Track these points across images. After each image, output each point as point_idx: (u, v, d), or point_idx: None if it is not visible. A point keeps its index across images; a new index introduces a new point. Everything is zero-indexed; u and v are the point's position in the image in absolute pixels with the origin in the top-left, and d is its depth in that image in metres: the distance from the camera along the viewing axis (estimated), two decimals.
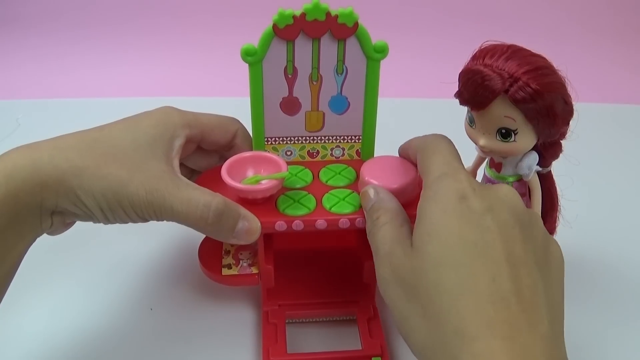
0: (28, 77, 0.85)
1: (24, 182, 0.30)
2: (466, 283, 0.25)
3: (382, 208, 0.32)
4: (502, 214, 0.27)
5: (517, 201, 0.29)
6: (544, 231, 0.29)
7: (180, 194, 0.32)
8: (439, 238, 0.27)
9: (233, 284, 0.39)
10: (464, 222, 0.27)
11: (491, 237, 0.26)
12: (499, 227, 0.27)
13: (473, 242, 0.26)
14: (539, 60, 0.33)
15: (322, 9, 0.35)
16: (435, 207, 0.28)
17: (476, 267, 0.26)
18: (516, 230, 0.27)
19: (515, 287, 0.25)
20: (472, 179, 0.29)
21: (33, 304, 0.42)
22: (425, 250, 0.27)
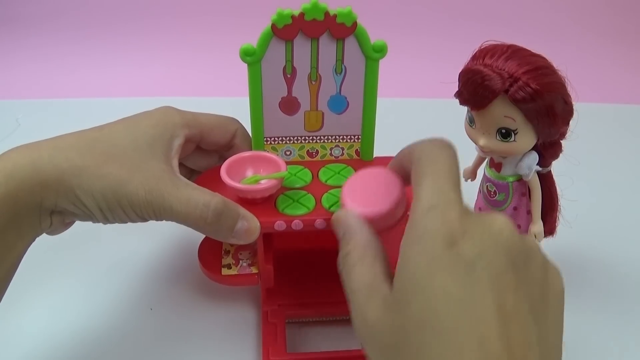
0: (28, 77, 0.85)
1: (24, 182, 0.30)
2: (451, 349, 0.23)
3: (351, 241, 0.29)
4: (495, 259, 0.25)
5: (512, 237, 0.25)
6: (542, 263, 0.27)
7: (179, 193, 0.32)
8: (423, 294, 0.24)
9: (233, 283, 0.39)
10: (450, 275, 0.24)
11: (480, 291, 0.24)
12: (490, 276, 0.24)
13: (459, 299, 0.24)
14: (539, 60, 0.33)
15: (321, 9, 0.35)
16: (420, 255, 0.25)
17: (462, 329, 0.23)
18: (509, 275, 0.25)
19: (506, 347, 0.23)
20: (463, 213, 0.26)
21: (33, 303, 0.42)
22: (407, 307, 0.24)
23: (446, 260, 0.24)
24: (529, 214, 0.39)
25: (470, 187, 0.43)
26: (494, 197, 0.39)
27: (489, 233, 0.25)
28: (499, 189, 0.38)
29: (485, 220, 0.26)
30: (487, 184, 0.39)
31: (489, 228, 0.25)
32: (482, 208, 0.41)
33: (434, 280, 0.24)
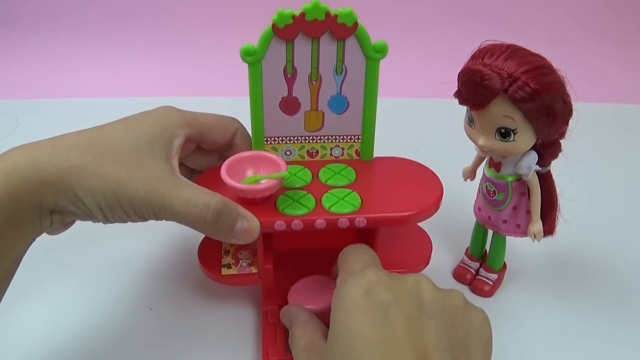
0: (28, 77, 0.85)
1: (24, 181, 0.30)
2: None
3: (294, 323, 0.34)
4: (407, 305, 0.27)
5: (426, 289, 0.29)
6: (463, 309, 0.29)
7: (179, 193, 0.32)
8: (343, 339, 0.27)
9: (232, 283, 0.39)
10: (366, 319, 0.27)
11: (395, 332, 0.26)
12: (404, 320, 0.27)
13: (375, 340, 0.26)
14: (538, 59, 0.33)
15: (322, 9, 0.35)
16: (341, 306, 0.28)
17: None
18: (424, 319, 0.27)
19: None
20: (382, 274, 0.29)
21: (33, 303, 0.42)
22: (333, 351, 0.27)
23: (362, 307, 0.27)
24: (528, 213, 0.39)
25: (470, 187, 0.43)
26: (493, 197, 0.39)
27: (402, 286, 0.29)
28: (499, 188, 0.38)
29: (400, 277, 0.30)
30: (486, 183, 0.39)
31: (403, 282, 0.29)
32: (482, 208, 0.41)
33: (352, 326, 0.27)
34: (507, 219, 0.39)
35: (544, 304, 0.43)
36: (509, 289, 0.44)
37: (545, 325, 0.41)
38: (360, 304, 0.27)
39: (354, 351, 0.26)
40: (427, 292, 0.28)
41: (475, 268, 0.45)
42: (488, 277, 0.43)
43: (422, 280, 0.29)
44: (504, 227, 0.40)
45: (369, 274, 0.29)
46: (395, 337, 0.26)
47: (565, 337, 0.40)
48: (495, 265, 0.43)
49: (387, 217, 0.35)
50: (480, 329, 0.29)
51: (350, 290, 0.28)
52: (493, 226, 0.41)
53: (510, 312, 0.42)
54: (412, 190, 0.37)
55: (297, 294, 0.38)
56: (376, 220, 0.35)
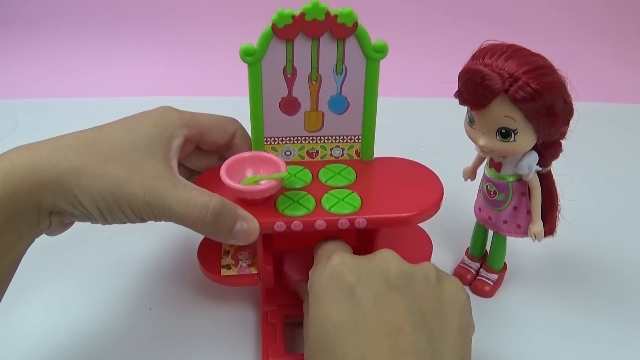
0: (27, 77, 0.85)
1: (22, 182, 0.29)
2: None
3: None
4: (374, 283, 0.28)
5: (393, 264, 0.29)
6: (435, 280, 0.29)
7: (178, 194, 0.32)
8: (314, 324, 0.28)
9: (232, 284, 0.39)
10: (334, 302, 0.28)
11: (361, 312, 0.27)
12: (371, 298, 0.27)
13: (343, 322, 0.27)
14: (539, 59, 0.33)
15: (322, 9, 0.34)
16: (312, 295, 0.30)
17: (347, 348, 0.26)
18: (391, 295, 0.28)
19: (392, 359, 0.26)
20: (346, 256, 0.30)
21: (32, 304, 0.42)
22: (308, 340, 0.29)
23: (329, 290, 0.28)
24: (528, 213, 0.39)
25: (470, 187, 0.43)
26: (493, 197, 0.39)
27: (368, 263, 0.29)
28: (499, 188, 0.38)
29: (368, 256, 0.30)
30: (487, 183, 0.39)
31: (369, 260, 0.30)
32: (482, 208, 0.41)
33: (321, 310, 0.28)
34: (508, 219, 0.39)
35: (544, 304, 0.43)
36: (509, 289, 0.44)
37: (546, 326, 0.41)
38: (327, 289, 0.28)
39: (325, 336, 0.27)
40: (394, 266, 0.29)
41: (476, 268, 0.44)
42: (488, 277, 0.43)
43: (388, 257, 0.30)
44: (504, 227, 0.40)
45: (333, 258, 0.30)
46: (363, 316, 0.27)
47: (565, 337, 0.40)
48: (495, 266, 0.43)
49: (388, 218, 0.35)
50: (454, 298, 0.29)
51: (317, 277, 0.30)
52: (493, 226, 0.41)
53: (511, 313, 0.42)
54: (413, 191, 0.37)
55: (291, 263, 0.40)
56: (376, 221, 0.35)
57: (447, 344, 0.27)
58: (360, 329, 0.26)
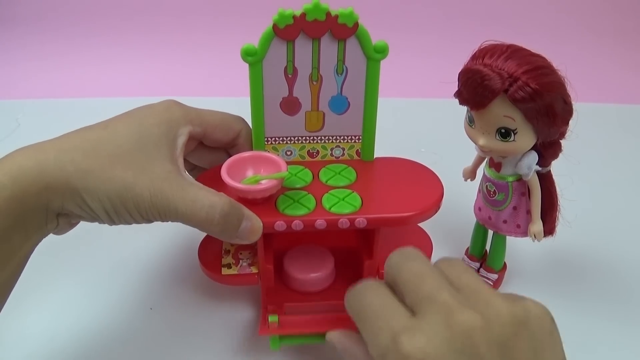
0: (28, 77, 0.85)
1: (30, 185, 0.29)
2: None
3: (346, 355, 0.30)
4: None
5: (474, 335, 0.24)
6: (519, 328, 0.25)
7: (185, 195, 0.32)
8: None
9: (233, 283, 0.39)
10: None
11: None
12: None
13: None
14: (539, 59, 0.33)
15: (322, 9, 0.35)
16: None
17: None
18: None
19: None
20: (414, 334, 0.25)
21: (35, 304, 0.42)
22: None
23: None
24: (528, 213, 0.39)
25: (470, 187, 0.43)
26: (493, 197, 0.39)
27: (450, 344, 0.24)
28: (499, 188, 0.38)
29: (440, 331, 0.24)
30: (486, 183, 0.39)
31: (448, 339, 0.24)
32: (482, 208, 0.41)
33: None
34: (508, 219, 0.40)
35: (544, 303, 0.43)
36: (509, 289, 0.44)
37: None
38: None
39: None
40: (479, 338, 0.24)
41: (476, 268, 0.45)
42: (488, 277, 0.43)
43: (469, 327, 0.25)
44: (504, 227, 0.40)
45: (406, 347, 0.24)
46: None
47: (565, 337, 0.40)
48: (495, 266, 0.43)
49: (388, 217, 0.35)
50: (542, 336, 0.26)
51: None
52: (493, 226, 0.41)
53: None
54: (413, 191, 0.37)
55: (293, 260, 0.40)
56: (376, 221, 0.35)
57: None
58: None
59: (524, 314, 0.26)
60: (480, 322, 0.25)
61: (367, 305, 0.28)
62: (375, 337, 0.26)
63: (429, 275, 0.27)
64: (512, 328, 0.25)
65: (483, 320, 0.25)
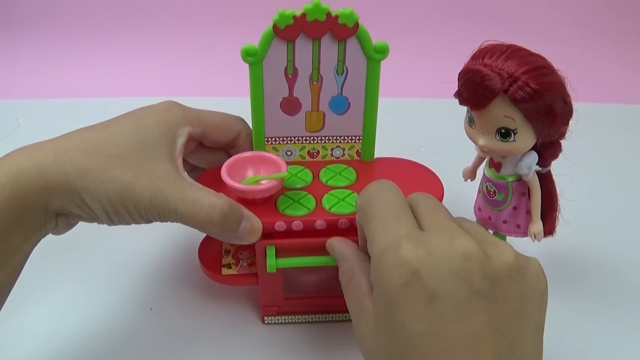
0: (28, 77, 0.85)
1: (29, 185, 0.29)
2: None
3: (343, 265, 0.32)
4: (454, 291, 0.25)
5: (474, 263, 0.25)
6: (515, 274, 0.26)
7: (184, 195, 0.32)
8: (385, 333, 0.26)
9: (233, 283, 0.39)
10: (409, 311, 0.25)
11: (441, 323, 0.24)
12: (451, 308, 0.25)
13: (420, 333, 0.24)
14: (539, 59, 0.33)
15: (323, 10, 0.35)
16: (381, 295, 0.26)
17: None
18: (473, 302, 0.25)
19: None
20: (422, 250, 0.25)
21: (34, 304, 0.42)
22: (378, 340, 0.26)
23: (404, 297, 0.25)
24: (528, 213, 0.39)
25: (470, 187, 0.43)
26: (493, 197, 0.39)
27: (449, 263, 0.25)
28: (499, 188, 0.39)
29: (442, 247, 0.26)
30: (486, 183, 0.39)
31: (448, 255, 0.25)
32: (482, 208, 0.41)
33: (394, 318, 0.25)
34: (507, 219, 0.40)
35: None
36: None
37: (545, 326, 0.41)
38: (401, 294, 0.25)
39: (399, 347, 0.25)
40: (477, 266, 0.25)
41: None
42: None
43: (468, 248, 0.25)
44: (504, 227, 0.40)
45: (406, 252, 0.25)
46: (442, 327, 0.24)
47: (565, 337, 0.40)
48: None
49: None
50: (534, 291, 0.26)
51: (390, 280, 0.25)
52: (493, 226, 0.41)
53: None
54: (413, 191, 0.37)
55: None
56: None
57: (527, 346, 0.26)
58: (439, 340, 0.24)
59: (525, 264, 0.27)
60: (482, 254, 0.26)
61: (382, 203, 0.29)
62: (380, 234, 0.27)
63: (443, 211, 0.29)
64: (510, 271, 0.26)
65: (486, 254, 0.26)
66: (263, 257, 0.36)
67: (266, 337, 0.39)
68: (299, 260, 0.36)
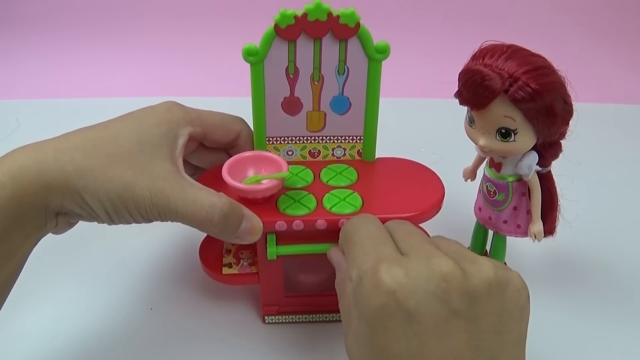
0: (28, 77, 0.85)
1: (29, 184, 0.29)
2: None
3: (337, 273, 0.32)
4: (432, 311, 0.25)
5: (452, 283, 0.25)
6: (495, 290, 0.26)
7: (184, 195, 0.32)
8: (364, 352, 0.26)
9: (233, 283, 0.39)
10: (388, 333, 0.25)
11: (419, 343, 0.25)
12: (430, 328, 0.25)
13: (398, 354, 0.25)
14: (539, 60, 0.33)
15: (324, 10, 0.35)
16: (361, 316, 0.26)
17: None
18: (452, 322, 0.25)
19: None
20: (399, 273, 0.26)
21: (35, 304, 0.42)
22: (361, 355, 0.27)
23: (382, 319, 0.25)
24: (528, 213, 0.39)
25: (470, 187, 0.43)
26: (493, 197, 0.39)
27: (426, 283, 0.25)
28: (499, 188, 0.39)
29: (421, 262, 0.26)
30: (486, 183, 0.39)
31: (426, 276, 0.26)
32: (482, 208, 0.41)
33: (373, 339, 0.26)
34: (508, 219, 0.40)
35: (544, 304, 0.43)
36: None
37: (545, 326, 0.41)
38: (380, 316, 0.25)
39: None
40: (455, 284, 0.25)
41: None
42: None
43: (446, 268, 0.26)
44: (504, 227, 0.40)
45: (383, 275, 0.26)
46: (421, 346, 0.25)
47: (565, 337, 0.40)
48: None
49: (388, 218, 0.35)
50: (514, 305, 0.27)
51: (367, 298, 0.26)
52: (493, 226, 0.41)
53: None
54: (414, 192, 0.37)
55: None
56: None
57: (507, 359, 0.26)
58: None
59: (505, 280, 0.27)
60: (460, 273, 0.26)
61: (362, 231, 0.30)
62: (359, 260, 0.28)
63: (419, 234, 0.30)
64: (489, 287, 0.26)
65: (463, 272, 0.26)
66: (264, 246, 0.36)
67: (266, 337, 0.40)
68: (300, 248, 0.36)
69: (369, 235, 0.30)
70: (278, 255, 0.36)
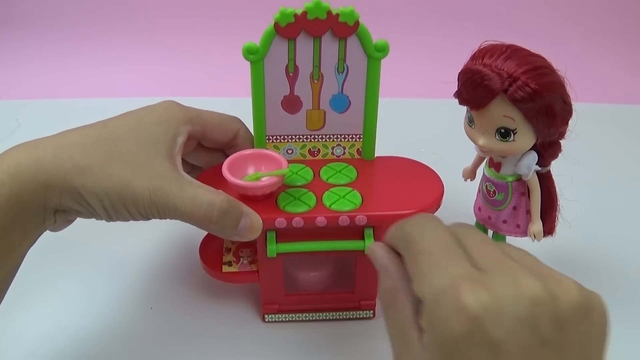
0: (28, 77, 0.85)
1: (28, 182, 0.30)
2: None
3: (384, 281, 0.28)
4: (521, 341, 0.22)
5: (543, 309, 0.23)
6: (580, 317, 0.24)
7: (183, 193, 0.32)
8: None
9: (233, 281, 0.39)
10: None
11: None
12: (518, 356, 0.22)
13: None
14: (538, 60, 0.34)
15: (323, 8, 0.35)
16: (436, 346, 0.23)
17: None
18: (540, 352, 0.22)
19: None
20: (484, 295, 0.22)
21: (34, 303, 0.42)
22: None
23: (465, 349, 0.22)
24: (528, 213, 0.39)
25: (470, 187, 0.43)
26: (493, 197, 0.39)
27: (514, 308, 0.22)
28: (499, 188, 0.39)
29: (507, 291, 0.23)
30: (486, 183, 0.39)
31: (514, 302, 0.23)
32: (482, 208, 0.41)
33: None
34: (507, 219, 0.40)
35: None
36: None
37: None
38: (463, 344, 0.22)
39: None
40: (545, 312, 0.23)
41: None
42: None
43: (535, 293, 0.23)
44: (504, 227, 0.40)
45: (467, 297, 0.22)
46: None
47: None
48: None
49: (388, 215, 0.35)
50: (598, 333, 0.25)
51: (448, 325, 0.22)
52: (493, 226, 0.41)
53: None
54: (413, 189, 0.37)
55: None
56: (376, 218, 0.35)
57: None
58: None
59: (590, 304, 0.25)
60: (549, 296, 0.23)
61: (431, 238, 0.26)
62: (430, 275, 0.24)
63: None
64: (576, 313, 0.24)
65: (552, 295, 0.23)
66: (264, 243, 0.36)
67: (266, 335, 0.40)
68: (300, 246, 0.36)
69: (439, 243, 0.26)
70: (278, 252, 0.36)
